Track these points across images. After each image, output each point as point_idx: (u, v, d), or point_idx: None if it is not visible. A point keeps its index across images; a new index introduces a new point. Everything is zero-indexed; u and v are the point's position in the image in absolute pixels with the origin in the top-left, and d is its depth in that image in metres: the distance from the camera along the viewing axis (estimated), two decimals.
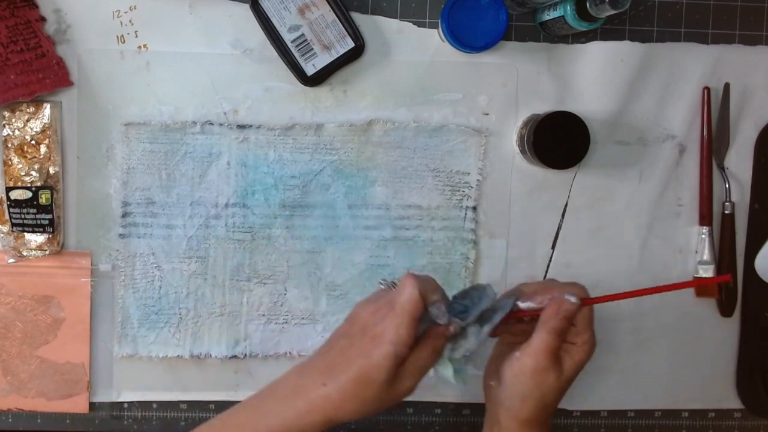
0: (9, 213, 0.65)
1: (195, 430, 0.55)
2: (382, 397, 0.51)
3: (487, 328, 0.54)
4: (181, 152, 0.67)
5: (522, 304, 0.55)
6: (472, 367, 0.66)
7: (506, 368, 0.54)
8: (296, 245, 0.68)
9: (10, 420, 0.69)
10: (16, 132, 0.65)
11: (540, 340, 0.52)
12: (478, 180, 0.68)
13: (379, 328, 0.51)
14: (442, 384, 0.70)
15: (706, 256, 0.69)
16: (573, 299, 0.53)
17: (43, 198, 0.65)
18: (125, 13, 0.66)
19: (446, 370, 0.54)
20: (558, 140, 0.63)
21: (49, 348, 0.68)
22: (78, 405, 0.68)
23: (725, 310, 0.70)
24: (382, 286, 0.58)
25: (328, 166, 0.68)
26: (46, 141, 0.65)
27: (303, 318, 0.69)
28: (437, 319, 0.52)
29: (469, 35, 0.63)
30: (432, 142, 0.68)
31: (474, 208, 0.69)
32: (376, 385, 0.51)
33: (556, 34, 0.67)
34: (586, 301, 0.54)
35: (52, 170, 0.66)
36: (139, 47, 0.66)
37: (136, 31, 0.66)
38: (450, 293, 0.63)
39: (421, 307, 0.51)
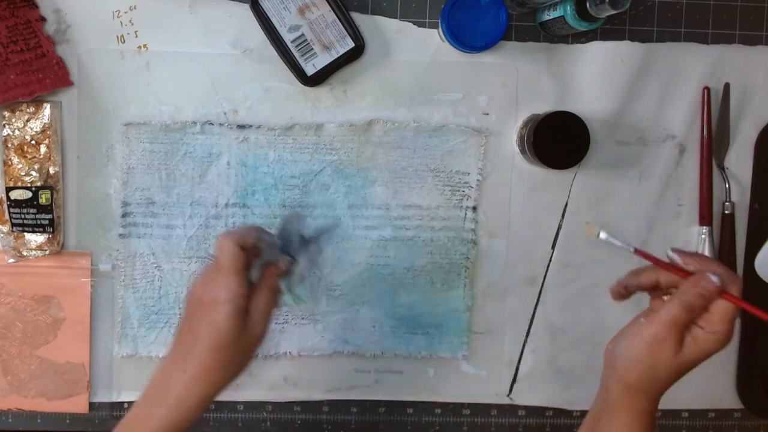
0: (9, 213, 0.65)
1: None
2: (240, 352, 0.53)
3: (314, 249, 0.56)
4: (181, 152, 0.67)
5: (672, 254, 0.54)
6: (309, 289, 0.63)
7: (627, 332, 0.54)
8: None
9: (10, 420, 0.69)
10: (16, 132, 0.65)
11: (667, 310, 0.52)
12: (478, 180, 0.68)
13: (211, 294, 0.52)
14: (443, 384, 0.70)
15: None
16: (715, 279, 0.52)
17: (43, 198, 0.65)
18: (125, 13, 0.66)
19: (287, 299, 0.57)
20: (558, 140, 0.63)
21: (49, 348, 0.68)
22: (78, 405, 0.68)
23: None
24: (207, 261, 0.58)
25: (328, 166, 0.68)
26: (46, 141, 0.65)
27: (303, 318, 0.69)
28: (268, 257, 0.54)
29: (469, 35, 0.63)
30: (432, 142, 0.68)
31: (474, 208, 0.69)
32: (229, 346, 0.52)
33: (556, 34, 0.67)
34: (726, 295, 0.52)
35: (52, 170, 0.66)
36: (139, 47, 0.66)
37: (136, 31, 0.66)
38: (450, 293, 0.63)
39: (242, 257, 0.52)
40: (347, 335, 0.69)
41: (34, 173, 0.65)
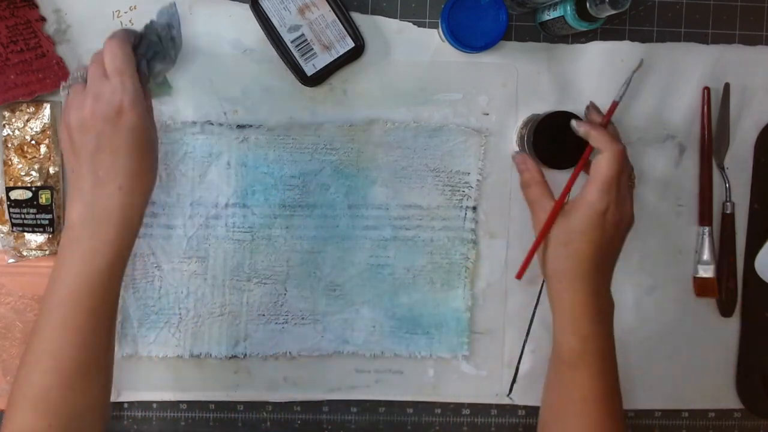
0: (9, 213, 0.65)
1: (28, 345, 0.53)
2: (155, 151, 0.54)
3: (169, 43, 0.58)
4: (181, 152, 0.67)
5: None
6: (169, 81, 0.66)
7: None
8: (296, 245, 0.68)
9: None
10: (16, 132, 0.65)
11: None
12: (478, 180, 0.68)
13: (112, 105, 0.51)
14: (443, 384, 0.70)
15: (706, 256, 0.69)
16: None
17: (43, 198, 0.65)
18: (125, 13, 0.66)
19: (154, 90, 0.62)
20: (558, 140, 0.63)
21: None
22: None
23: (725, 310, 0.70)
24: (70, 85, 0.56)
25: (328, 166, 0.68)
26: (46, 141, 0.65)
27: (303, 318, 0.69)
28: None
29: (469, 35, 0.63)
30: (432, 142, 0.68)
31: (474, 208, 0.69)
32: (151, 146, 0.54)
33: (556, 34, 0.67)
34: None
35: (52, 170, 0.66)
36: None
37: None
38: (450, 293, 0.63)
39: (133, 58, 0.54)
40: (347, 335, 0.69)
41: (34, 173, 0.65)
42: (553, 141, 0.63)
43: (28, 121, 0.65)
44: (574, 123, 0.60)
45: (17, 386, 0.52)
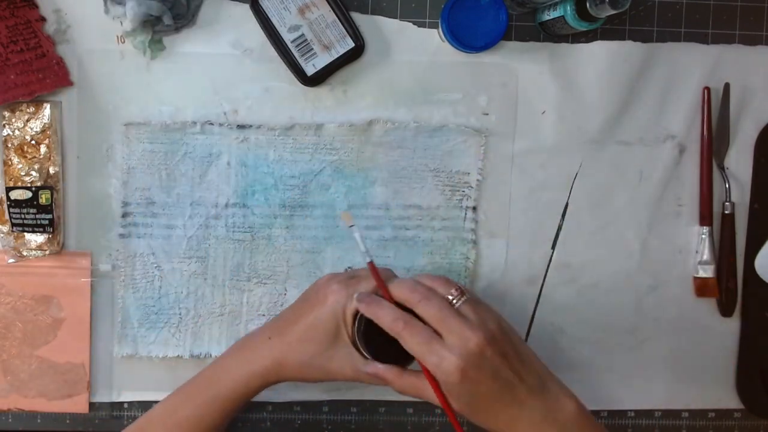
0: (9, 213, 0.65)
1: (157, 406, 0.59)
2: (320, 358, 0.56)
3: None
4: (181, 152, 0.67)
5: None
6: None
7: None
8: (296, 245, 0.68)
9: (10, 420, 0.69)
10: (16, 132, 0.65)
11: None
12: (478, 180, 0.68)
13: (330, 289, 0.56)
14: None
15: (706, 256, 0.69)
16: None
17: (43, 198, 0.65)
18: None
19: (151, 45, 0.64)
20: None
21: (49, 348, 0.68)
22: (78, 405, 0.68)
23: (725, 310, 0.70)
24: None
25: (328, 166, 0.68)
26: (46, 141, 0.65)
27: None
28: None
29: (469, 35, 0.63)
30: (432, 142, 0.68)
31: (474, 208, 0.69)
32: (318, 341, 0.55)
33: (556, 34, 0.67)
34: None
35: (52, 170, 0.66)
36: None
37: None
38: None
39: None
40: None
41: (34, 173, 0.65)
42: (386, 336, 0.53)
43: (28, 121, 0.65)
44: (368, 313, 0.54)
45: None
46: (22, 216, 0.65)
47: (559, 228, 0.70)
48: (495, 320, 0.53)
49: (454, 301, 0.52)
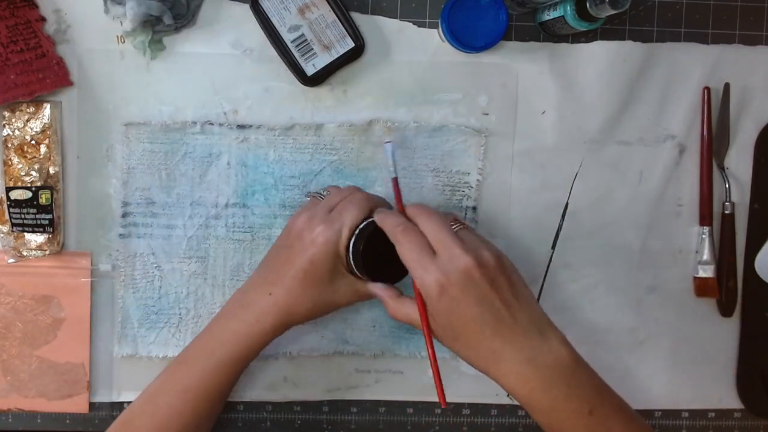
0: (9, 213, 0.65)
1: (157, 378, 0.59)
2: (323, 295, 0.56)
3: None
4: (181, 152, 0.67)
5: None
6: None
7: None
8: None
9: (10, 420, 0.69)
10: (16, 132, 0.65)
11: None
12: (478, 180, 0.68)
13: (311, 234, 0.56)
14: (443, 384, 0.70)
15: (706, 256, 0.69)
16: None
17: (43, 198, 0.65)
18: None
19: (149, 46, 0.64)
20: (386, 253, 0.55)
21: (49, 348, 0.68)
22: (78, 405, 0.68)
23: (725, 310, 0.70)
24: (308, 198, 0.63)
25: (328, 166, 0.68)
26: (46, 141, 0.65)
27: None
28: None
29: (469, 35, 0.63)
30: (432, 142, 0.68)
31: (474, 208, 0.69)
32: (317, 283, 0.56)
33: (556, 34, 0.67)
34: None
35: (52, 170, 0.66)
36: None
37: None
38: None
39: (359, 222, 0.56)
40: (347, 335, 0.69)
41: (34, 173, 0.65)
42: (381, 254, 0.55)
43: (28, 121, 0.65)
44: (376, 218, 0.55)
45: (134, 407, 0.58)
46: (22, 216, 0.65)
47: (559, 228, 0.70)
48: (494, 252, 0.52)
49: (454, 226, 0.54)
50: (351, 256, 0.56)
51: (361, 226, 0.56)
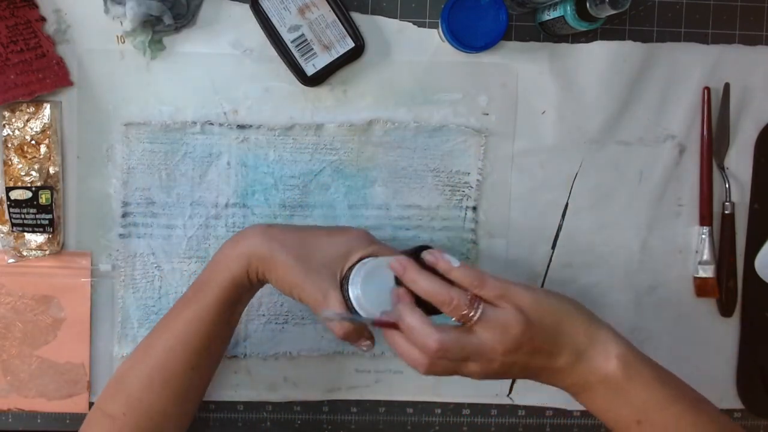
0: (9, 213, 0.65)
1: (155, 325, 0.58)
2: (307, 269, 0.55)
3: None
4: (181, 152, 0.67)
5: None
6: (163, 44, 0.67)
7: None
8: None
9: (10, 420, 0.69)
10: (16, 132, 0.65)
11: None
12: (478, 180, 0.68)
13: (358, 232, 0.58)
14: (443, 384, 0.70)
15: (706, 256, 0.69)
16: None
17: (43, 198, 0.65)
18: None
19: (149, 46, 0.65)
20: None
21: (49, 348, 0.68)
22: (78, 405, 0.68)
23: (725, 310, 0.70)
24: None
25: (328, 166, 0.68)
26: (46, 141, 0.65)
27: (303, 318, 0.69)
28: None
29: (469, 35, 0.63)
30: (432, 142, 0.68)
31: (474, 208, 0.69)
32: (314, 253, 0.56)
33: (556, 34, 0.67)
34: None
35: (52, 170, 0.66)
36: None
37: None
38: None
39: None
40: None
41: (34, 173, 0.65)
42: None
43: (28, 121, 0.65)
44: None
45: (127, 361, 0.58)
46: (22, 216, 0.65)
47: (559, 228, 0.70)
48: (517, 323, 0.50)
49: (472, 315, 0.50)
50: (346, 281, 0.55)
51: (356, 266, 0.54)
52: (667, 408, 0.51)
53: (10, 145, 0.65)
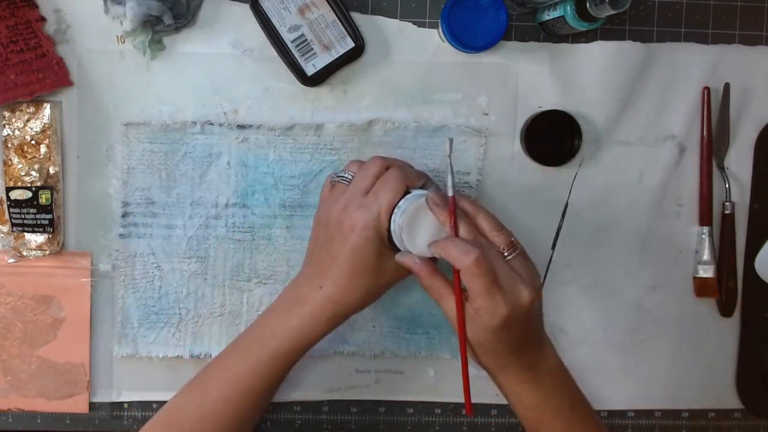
0: (9, 213, 0.65)
1: (208, 365, 0.59)
2: (375, 280, 0.56)
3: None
4: (181, 152, 0.67)
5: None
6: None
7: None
8: (296, 245, 0.68)
9: (10, 420, 0.69)
10: (16, 132, 0.65)
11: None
12: (478, 180, 0.68)
13: (353, 219, 0.55)
14: (443, 384, 0.70)
15: (706, 256, 0.69)
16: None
17: (43, 198, 0.65)
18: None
19: (150, 46, 0.65)
20: (547, 139, 0.65)
21: (49, 348, 0.68)
22: (78, 405, 0.68)
23: (725, 310, 0.70)
24: (335, 182, 0.60)
25: (328, 166, 0.68)
26: (46, 141, 0.65)
27: None
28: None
29: (469, 35, 0.63)
30: (432, 142, 0.68)
31: None
32: (366, 272, 0.55)
33: (556, 34, 0.67)
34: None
35: (52, 170, 0.66)
36: None
37: None
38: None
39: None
40: (347, 335, 0.69)
41: (34, 173, 0.65)
42: (543, 139, 0.65)
43: (28, 121, 0.65)
44: (432, 249, 0.54)
45: (181, 397, 0.58)
46: (22, 216, 0.65)
47: (559, 228, 0.69)
48: (538, 277, 0.56)
49: (507, 255, 0.54)
50: (393, 235, 0.55)
51: (400, 204, 0.55)
52: (585, 397, 0.58)
53: (10, 145, 0.65)
